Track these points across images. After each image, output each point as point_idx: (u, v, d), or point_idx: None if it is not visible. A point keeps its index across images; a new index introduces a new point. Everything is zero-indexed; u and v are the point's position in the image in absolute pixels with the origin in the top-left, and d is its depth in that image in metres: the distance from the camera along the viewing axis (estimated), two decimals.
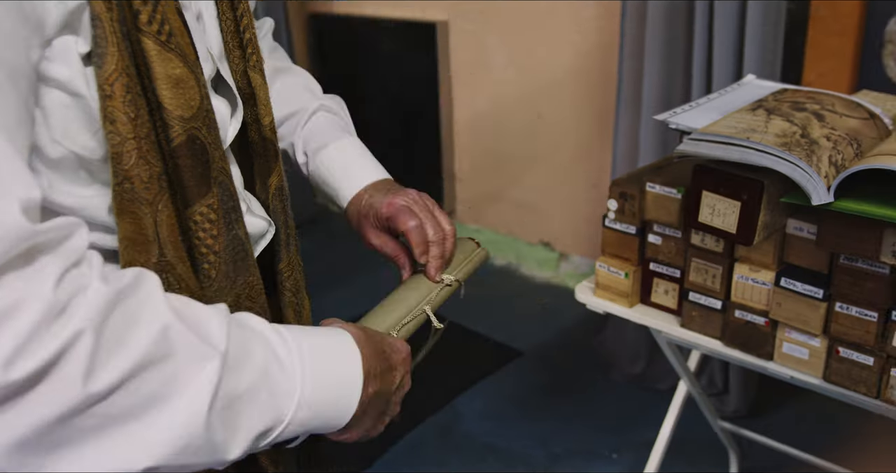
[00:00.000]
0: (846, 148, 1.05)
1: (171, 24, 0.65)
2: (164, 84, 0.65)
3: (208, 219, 0.71)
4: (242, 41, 0.80)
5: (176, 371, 0.55)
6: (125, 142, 0.63)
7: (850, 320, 1.07)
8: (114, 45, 0.61)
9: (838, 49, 2.20)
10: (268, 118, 0.83)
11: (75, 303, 0.51)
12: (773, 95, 1.21)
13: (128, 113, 0.63)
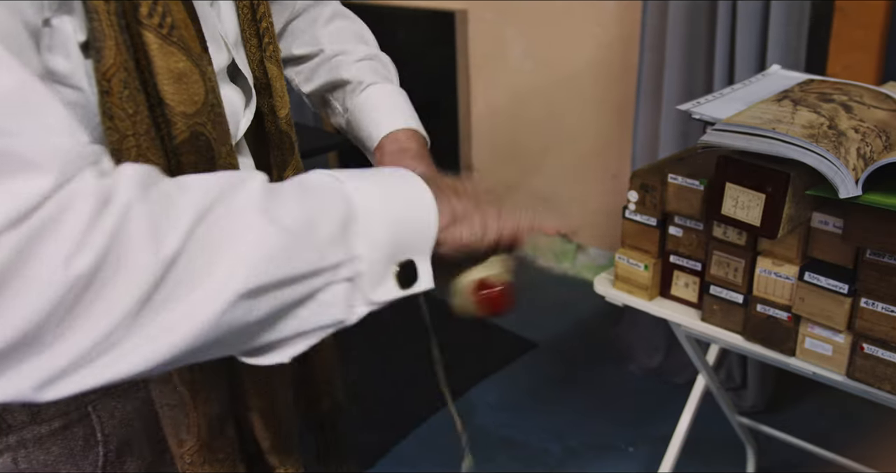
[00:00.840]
0: (875, 140, 1.02)
1: (173, 16, 0.63)
2: (166, 79, 0.63)
3: None
4: (259, 30, 0.79)
5: (231, 207, 0.51)
6: (124, 139, 0.62)
7: (876, 316, 1.05)
8: (111, 39, 0.59)
9: (864, 41, 2.17)
10: (284, 110, 0.82)
11: (117, 183, 0.47)
12: (800, 86, 1.19)
13: (126, 109, 0.61)
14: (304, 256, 0.53)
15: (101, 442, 0.74)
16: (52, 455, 0.72)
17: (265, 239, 0.51)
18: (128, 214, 0.46)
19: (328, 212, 0.55)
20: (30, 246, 0.42)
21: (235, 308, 0.49)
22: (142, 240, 0.46)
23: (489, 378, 2.46)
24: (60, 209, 0.44)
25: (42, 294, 0.43)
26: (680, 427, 1.65)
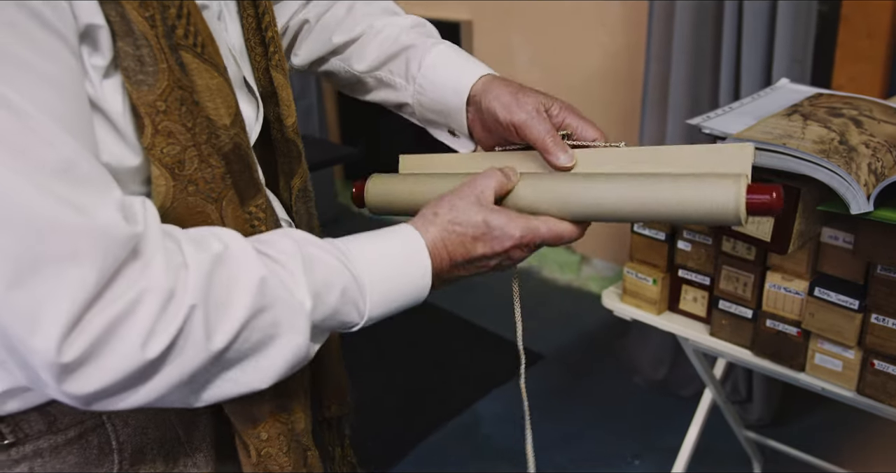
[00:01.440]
0: (885, 155, 1.02)
1: (203, 35, 0.65)
2: (206, 95, 0.66)
3: (257, 217, 0.74)
4: (265, 39, 0.80)
5: (276, 316, 0.63)
6: (186, 149, 0.64)
7: (887, 332, 1.05)
8: (163, 62, 0.61)
9: (869, 51, 2.17)
10: (291, 118, 0.83)
11: (181, 285, 0.58)
12: (809, 100, 1.18)
13: (185, 123, 0.64)
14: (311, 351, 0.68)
15: (115, 450, 0.74)
16: (67, 464, 0.72)
17: (298, 350, 0.65)
18: (191, 317, 0.57)
19: (347, 311, 0.69)
20: (114, 329, 0.55)
21: None
22: (199, 337, 0.58)
23: (495, 390, 2.45)
24: (132, 304, 0.55)
25: (120, 368, 0.56)
26: (688, 441, 1.64)
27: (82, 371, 0.55)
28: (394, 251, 0.72)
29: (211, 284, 0.59)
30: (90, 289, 0.53)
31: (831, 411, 2.25)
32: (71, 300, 0.52)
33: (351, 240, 0.72)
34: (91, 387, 0.56)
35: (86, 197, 0.54)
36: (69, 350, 0.53)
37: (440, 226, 0.74)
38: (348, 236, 0.74)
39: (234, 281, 0.61)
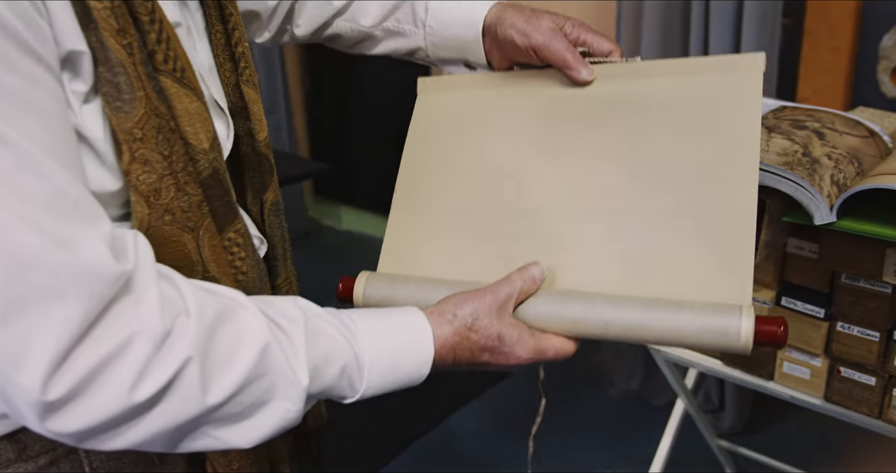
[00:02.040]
0: (847, 166, 1.04)
1: (182, 60, 0.65)
2: (185, 120, 0.66)
3: (236, 243, 0.74)
4: (234, 55, 0.80)
5: (273, 383, 0.62)
6: (162, 178, 0.64)
7: (852, 340, 1.06)
8: (141, 90, 0.61)
9: (833, 64, 2.21)
10: (262, 133, 0.83)
11: (178, 330, 0.57)
12: (773, 113, 1.20)
13: (162, 151, 0.63)
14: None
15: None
16: None
17: (288, 417, 0.65)
18: (186, 366, 0.57)
19: (342, 386, 0.69)
20: (102, 370, 0.54)
21: None
22: (194, 388, 0.58)
23: (468, 404, 2.45)
24: (121, 345, 0.55)
25: (105, 409, 0.55)
26: (660, 451, 1.65)
27: (66, 410, 0.54)
28: (401, 339, 0.72)
29: (213, 338, 0.59)
30: (75, 328, 0.53)
31: (802, 419, 2.28)
32: (56, 338, 0.52)
33: (360, 316, 0.72)
34: (75, 426, 0.55)
35: (73, 231, 0.54)
36: (53, 388, 0.53)
37: (455, 329, 0.74)
38: (358, 310, 0.74)
39: (239, 342, 0.61)
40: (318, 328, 0.67)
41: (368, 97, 3.42)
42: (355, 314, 0.72)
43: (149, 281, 0.58)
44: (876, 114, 1.37)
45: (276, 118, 3.47)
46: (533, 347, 0.76)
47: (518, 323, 0.77)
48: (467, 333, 0.74)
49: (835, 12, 2.14)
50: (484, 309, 0.75)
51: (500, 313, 0.75)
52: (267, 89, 3.41)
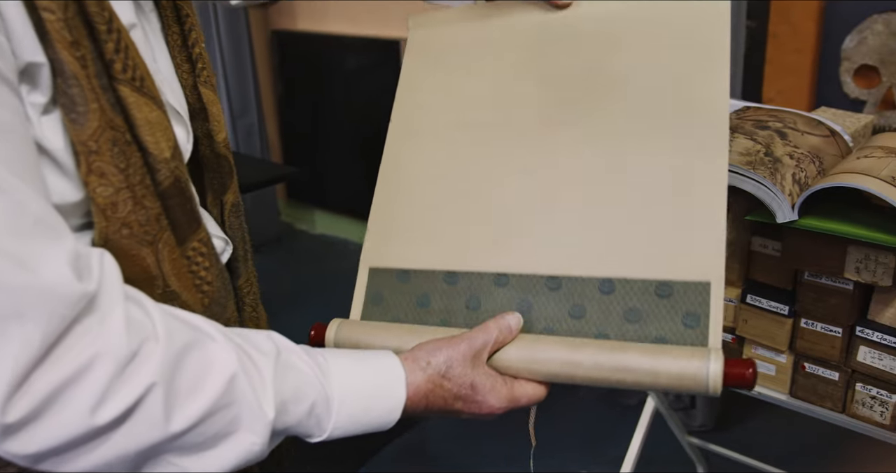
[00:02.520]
0: (809, 165, 1.06)
1: (141, 69, 0.65)
2: (145, 129, 0.65)
3: (200, 252, 0.73)
4: (192, 56, 0.79)
5: (238, 415, 0.62)
6: (119, 191, 0.63)
7: (816, 336, 1.08)
8: (95, 102, 0.60)
9: (797, 66, 2.24)
10: (221, 134, 0.82)
11: (144, 354, 0.57)
12: (736, 113, 1.22)
13: (117, 165, 0.63)
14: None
15: None
16: None
17: (252, 450, 0.64)
18: (150, 392, 0.56)
19: (310, 424, 0.69)
20: (62, 391, 0.53)
21: None
22: (157, 415, 0.57)
23: None
24: (82, 368, 0.54)
25: (65, 431, 0.54)
26: (631, 450, 1.66)
27: (25, 431, 0.54)
28: (373, 382, 0.72)
29: (180, 365, 0.59)
30: (35, 349, 0.52)
31: (771, 415, 2.31)
32: (14, 359, 0.52)
33: (333, 356, 0.72)
34: (33, 448, 0.54)
35: (33, 249, 0.53)
36: (12, 410, 0.52)
37: (429, 377, 0.74)
38: (332, 350, 0.74)
39: (206, 371, 0.60)
40: (289, 363, 0.67)
41: (341, 101, 3.42)
42: (329, 353, 0.72)
43: (114, 301, 0.57)
44: (838, 114, 1.39)
45: (247, 122, 3.46)
46: (506, 396, 0.76)
47: (492, 373, 0.77)
48: (441, 381, 0.74)
49: (797, 14, 2.18)
50: (458, 358, 0.75)
51: (474, 362, 0.75)
52: (238, 93, 3.40)
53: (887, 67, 2.06)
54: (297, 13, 3.52)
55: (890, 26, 2.04)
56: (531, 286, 0.84)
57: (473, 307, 0.86)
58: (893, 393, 1.04)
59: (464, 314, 0.86)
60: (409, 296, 0.89)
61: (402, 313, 0.89)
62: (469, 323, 0.85)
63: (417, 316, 0.89)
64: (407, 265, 0.90)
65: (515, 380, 0.78)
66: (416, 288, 0.89)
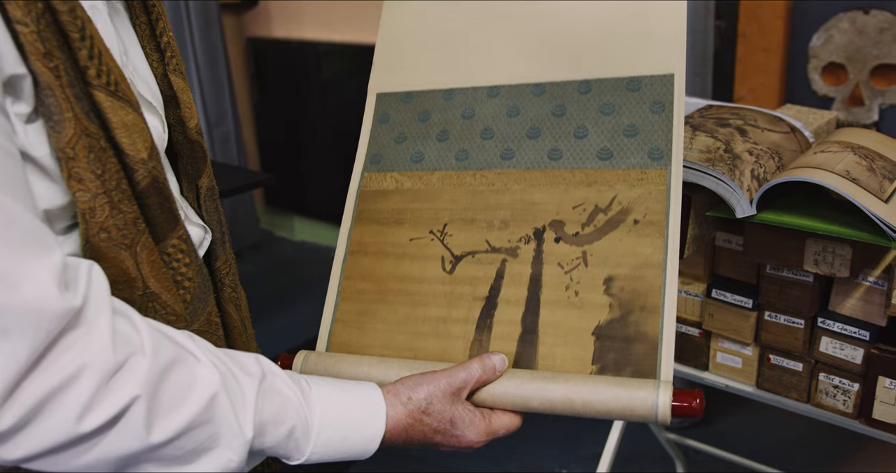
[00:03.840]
0: (768, 161, 1.08)
1: (115, 74, 0.66)
2: (122, 132, 0.66)
3: (180, 249, 0.74)
4: (160, 45, 0.80)
5: (216, 432, 0.64)
6: (96, 197, 0.64)
7: (779, 328, 1.10)
8: (69, 111, 0.62)
9: (766, 65, 2.27)
10: (193, 120, 0.83)
11: (130, 367, 0.59)
12: (699, 112, 1.24)
13: (94, 171, 0.64)
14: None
15: None
16: None
17: (229, 466, 0.65)
18: (133, 405, 0.58)
19: (289, 447, 0.70)
20: (49, 401, 0.55)
21: None
22: (138, 426, 0.59)
23: None
24: (69, 378, 0.56)
25: (51, 438, 0.56)
26: (608, 447, 1.68)
27: (13, 439, 0.56)
28: (353, 412, 0.73)
29: (164, 380, 0.61)
30: (22, 362, 0.54)
31: (749, 409, 2.33)
32: (2, 371, 0.53)
33: (317, 383, 0.74)
34: (20, 453, 0.57)
35: (18, 264, 0.54)
36: (1, 420, 0.54)
37: (409, 412, 0.75)
38: (317, 377, 0.76)
39: (189, 387, 0.62)
40: (273, 387, 0.69)
41: (319, 107, 3.43)
42: (313, 380, 0.74)
43: (100, 314, 0.59)
44: (802, 111, 1.42)
45: (223, 130, 3.46)
46: (485, 430, 0.79)
47: (471, 407, 0.79)
48: (421, 416, 0.76)
49: (766, 13, 2.21)
50: (438, 394, 0.76)
51: (453, 398, 0.77)
52: (214, 101, 3.40)
53: (854, 65, 2.09)
54: (272, 20, 3.52)
55: (855, 24, 2.07)
56: (519, 94, 0.93)
57: (468, 116, 0.94)
58: (855, 381, 1.06)
59: (460, 123, 0.94)
60: (412, 114, 0.98)
61: (406, 128, 0.97)
62: (464, 133, 0.94)
63: (419, 130, 0.96)
64: (409, 88, 0.99)
65: (493, 413, 0.80)
66: (417, 106, 0.98)
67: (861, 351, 1.04)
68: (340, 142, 3.39)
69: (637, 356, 0.78)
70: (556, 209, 0.86)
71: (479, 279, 0.86)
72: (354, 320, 0.91)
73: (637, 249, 0.81)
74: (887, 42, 2.02)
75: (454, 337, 0.85)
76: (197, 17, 3.24)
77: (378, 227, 0.93)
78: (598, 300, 0.81)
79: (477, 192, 0.90)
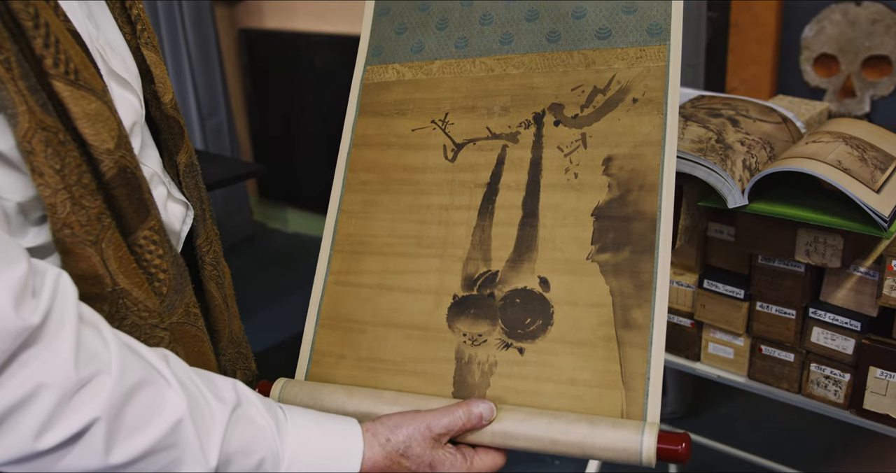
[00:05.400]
0: (759, 151, 1.08)
1: (74, 61, 0.64)
2: (84, 122, 0.64)
3: (152, 241, 0.72)
4: (131, 17, 0.78)
5: (179, 457, 0.62)
6: (57, 193, 0.63)
7: (771, 318, 1.11)
8: (23, 105, 0.60)
9: (758, 56, 2.27)
10: (168, 95, 0.81)
11: (94, 386, 0.57)
12: (691, 102, 1.24)
13: (52, 166, 0.62)
14: None
15: None
16: None
17: None
18: (93, 426, 0.57)
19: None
20: (6, 418, 0.55)
21: None
22: (97, 448, 0.58)
23: None
24: (27, 397, 0.55)
25: (8, 454, 0.56)
26: None
27: None
28: (328, 448, 0.71)
29: (128, 402, 0.59)
30: None
31: (742, 400, 2.34)
32: None
33: (294, 414, 0.72)
34: None
35: None
36: None
37: (387, 454, 0.73)
38: (295, 408, 0.74)
39: (154, 411, 0.61)
40: (247, 416, 0.67)
41: (312, 99, 3.42)
42: (290, 410, 0.72)
43: (62, 328, 0.57)
44: (794, 102, 1.42)
45: (216, 121, 3.45)
46: (466, 472, 0.76)
47: (452, 449, 0.76)
48: (399, 459, 0.74)
49: (758, 4, 2.20)
50: (418, 437, 0.74)
51: (434, 442, 0.75)
52: (207, 93, 3.39)
53: (846, 56, 2.10)
54: (265, 11, 3.51)
55: (847, 15, 2.07)
56: (512, 19, 0.91)
57: (466, 3, 0.94)
58: (846, 372, 1.07)
59: (459, 10, 0.94)
60: (411, 4, 0.97)
61: (406, 19, 0.97)
62: (463, 20, 0.93)
63: (419, 20, 0.95)
64: None
65: (476, 453, 0.77)
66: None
67: (852, 342, 1.05)
68: (333, 134, 3.38)
69: (636, 234, 0.78)
70: (556, 92, 0.86)
71: (480, 166, 0.87)
72: (360, 210, 0.91)
73: (636, 128, 0.81)
74: (879, 33, 2.02)
75: (456, 224, 0.86)
76: (189, 8, 3.23)
77: (381, 119, 0.94)
78: (597, 181, 0.81)
79: (477, 79, 0.90)
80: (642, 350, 0.75)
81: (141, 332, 0.70)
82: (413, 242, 0.87)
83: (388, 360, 0.85)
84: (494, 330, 0.81)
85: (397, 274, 0.87)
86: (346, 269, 0.90)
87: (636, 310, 0.76)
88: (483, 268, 0.83)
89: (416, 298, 0.85)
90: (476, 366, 0.81)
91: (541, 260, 0.81)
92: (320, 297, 0.91)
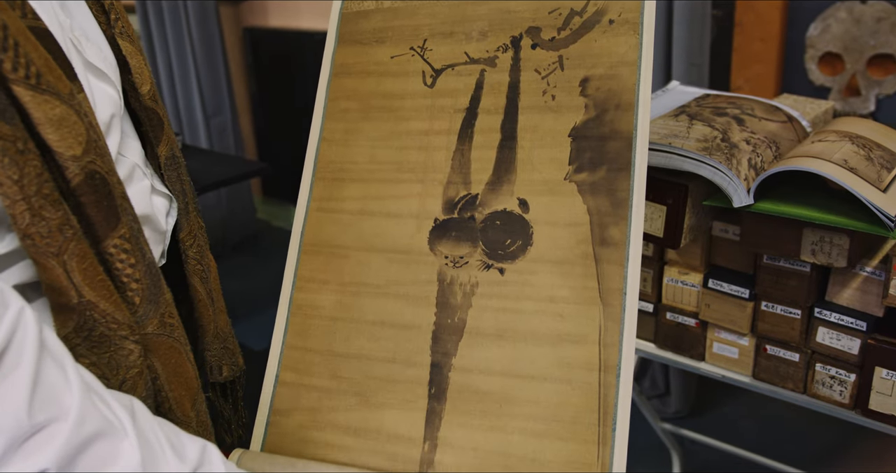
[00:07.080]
0: (765, 150, 1.08)
1: (36, 64, 0.61)
2: (48, 128, 0.61)
3: (123, 249, 0.69)
4: (105, 7, 0.77)
5: None
6: (15, 203, 0.60)
7: (776, 318, 1.10)
8: None
9: (763, 54, 2.27)
10: (146, 86, 0.79)
11: (48, 434, 0.53)
12: (696, 101, 1.24)
13: (10, 176, 0.59)
14: None
15: None
16: None
17: None
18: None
19: None
20: None
21: None
22: None
23: None
24: None
25: None
26: None
27: None
28: None
29: (82, 453, 0.56)
30: None
31: (746, 399, 2.34)
32: None
33: None
34: None
35: None
36: None
37: None
38: None
39: (104, 465, 0.57)
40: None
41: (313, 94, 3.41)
42: None
43: (18, 366, 0.54)
44: (799, 101, 1.41)
45: (221, 120, 3.45)
46: None
47: None
48: None
49: (762, 3, 2.20)
50: None
51: None
52: (211, 92, 3.39)
53: (851, 54, 2.09)
54: (269, 10, 3.51)
55: (853, 14, 2.06)
56: None
57: None
58: (852, 372, 1.06)
59: None
60: None
61: None
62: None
63: None
64: None
65: None
66: None
67: (858, 342, 1.04)
68: None
69: (612, 153, 0.79)
70: (533, 16, 0.86)
71: (459, 91, 0.87)
72: (341, 138, 0.92)
73: (612, 49, 0.81)
74: (884, 32, 2.02)
75: (436, 149, 0.86)
76: (194, 7, 3.23)
77: (360, 48, 0.94)
78: (574, 102, 0.82)
79: (454, 5, 0.90)
80: (619, 266, 0.76)
81: (110, 344, 0.68)
82: (393, 168, 0.88)
83: (371, 284, 0.86)
84: (475, 251, 0.82)
85: (378, 200, 0.87)
86: (328, 196, 0.90)
87: (613, 228, 0.77)
88: (463, 192, 0.84)
89: (398, 222, 0.86)
90: (458, 287, 0.82)
91: (519, 182, 0.81)
92: (303, 224, 0.92)
